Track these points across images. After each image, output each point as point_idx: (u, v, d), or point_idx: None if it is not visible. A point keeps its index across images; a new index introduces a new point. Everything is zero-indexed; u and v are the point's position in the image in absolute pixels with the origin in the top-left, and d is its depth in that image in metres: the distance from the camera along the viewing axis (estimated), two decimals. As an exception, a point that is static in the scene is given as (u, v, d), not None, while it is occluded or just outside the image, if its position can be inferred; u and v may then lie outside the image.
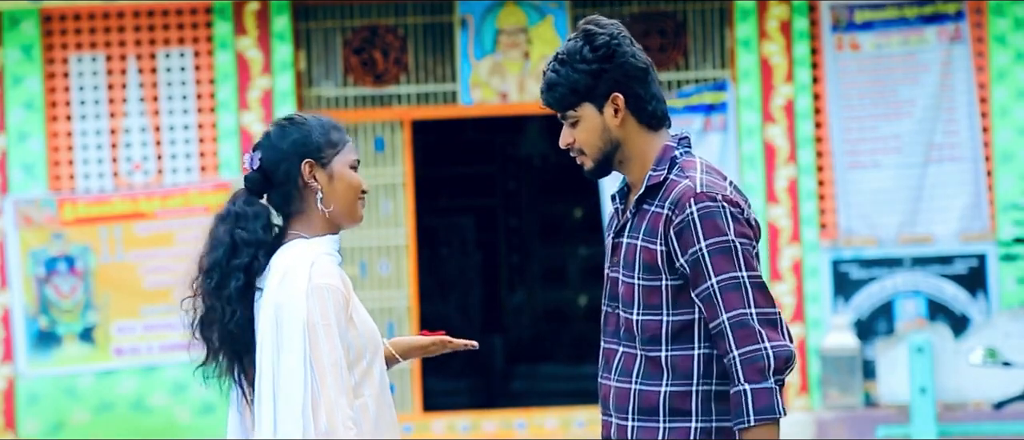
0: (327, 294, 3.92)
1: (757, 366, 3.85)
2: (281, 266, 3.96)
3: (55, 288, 11.65)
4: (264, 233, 4.02)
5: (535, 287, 17.16)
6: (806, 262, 11.73)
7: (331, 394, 3.88)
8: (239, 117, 11.75)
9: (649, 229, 3.96)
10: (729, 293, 3.87)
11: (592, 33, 4.01)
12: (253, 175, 4.06)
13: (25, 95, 11.71)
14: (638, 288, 3.97)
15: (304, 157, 4.03)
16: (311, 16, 11.95)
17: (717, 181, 3.96)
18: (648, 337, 3.96)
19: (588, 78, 3.99)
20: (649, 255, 3.95)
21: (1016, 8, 11.65)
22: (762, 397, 3.84)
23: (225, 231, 4.03)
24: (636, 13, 11.90)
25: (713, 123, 11.79)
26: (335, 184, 4.06)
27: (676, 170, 3.97)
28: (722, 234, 3.88)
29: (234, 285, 3.99)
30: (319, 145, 4.05)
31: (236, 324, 4.01)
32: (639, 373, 3.98)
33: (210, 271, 4.02)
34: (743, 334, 3.86)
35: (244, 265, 4.00)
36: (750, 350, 3.86)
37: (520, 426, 11.99)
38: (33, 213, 11.63)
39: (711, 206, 3.89)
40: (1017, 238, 11.41)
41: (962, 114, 11.69)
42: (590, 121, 4.01)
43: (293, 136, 4.05)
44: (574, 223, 16.93)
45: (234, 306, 4.00)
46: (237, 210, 4.05)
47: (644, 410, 3.97)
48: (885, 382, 10.97)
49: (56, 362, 11.61)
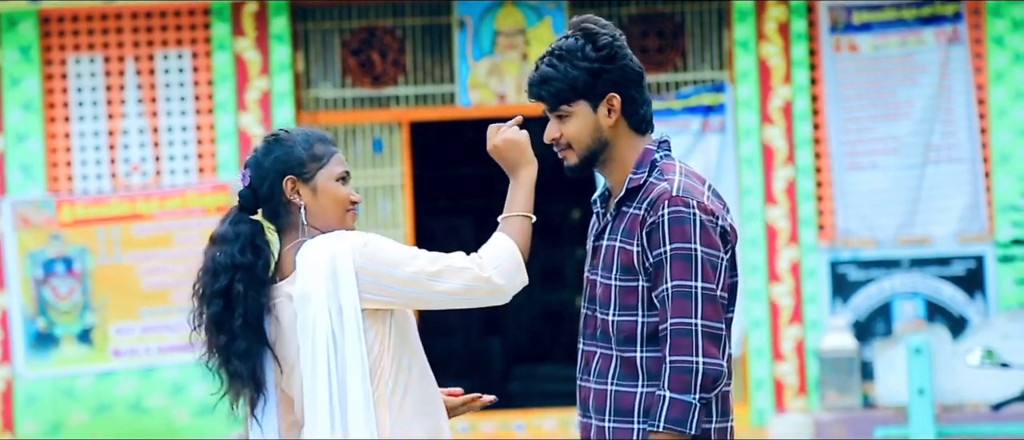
0: (380, 240, 4.00)
1: (684, 378, 3.87)
2: (322, 256, 3.97)
3: (53, 289, 11.64)
4: (242, 255, 4.04)
5: (533, 288, 17.10)
6: (804, 263, 11.73)
7: (457, 267, 4.00)
8: (237, 118, 11.75)
9: (627, 231, 3.98)
10: (679, 300, 3.89)
11: (594, 32, 4.02)
12: (245, 191, 4.11)
13: (23, 96, 11.71)
14: (615, 289, 4.00)
15: (285, 174, 4.06)
16: (309, 17, 11.94)
17: (695, 186, 3.98)
18: (623, 338, 3.99)
19: (588, 76, 4.00)
20: (626, 256, 3.97)
21: (1014, 9, 11.65)
22: (677, 408, 3.87)
23: (210, 256, 4.10)
24: (634, 14, 11.90)
25: (711, 124, 11.79)
26: (320, 198, 4.08)
27: (656, 173, 4.00)
28: (687, 241, 3.90)
29: (211, 311, 4.05)
30: (301, 160, 4.07)
31: (219, 350, 4.05)
32: (615, 375, 4.01)
33: (202, 299, 4.08)
34: (681, 343, 3.88)
35: (220, 290, 4.03)
36: (682, 360, 3.88)
37: (518, 427, 11.99)
38: (31, 214, 11.62)
39: (683, 211, 3.92)
40: (1015, 239, 11.41)
41: (960, 115, 11.70)
42: (583, 118, 4.03)
43: (275, 153, 4.09)
44: (572, 224, 16.94)
45: (214, 333, 4.05)
46: (221, 232, 4.11)
47: (620, 411, 4.00)
48: (883, 383, 10.98)
49: (54, 363, 11.60)
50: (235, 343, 4.02)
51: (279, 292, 4.05)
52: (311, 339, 3.94)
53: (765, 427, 11.48)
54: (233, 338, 4.02)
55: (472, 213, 17.18)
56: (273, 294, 4.06)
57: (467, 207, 17.09)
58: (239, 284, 4.01)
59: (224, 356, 4.04)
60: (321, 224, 4.06)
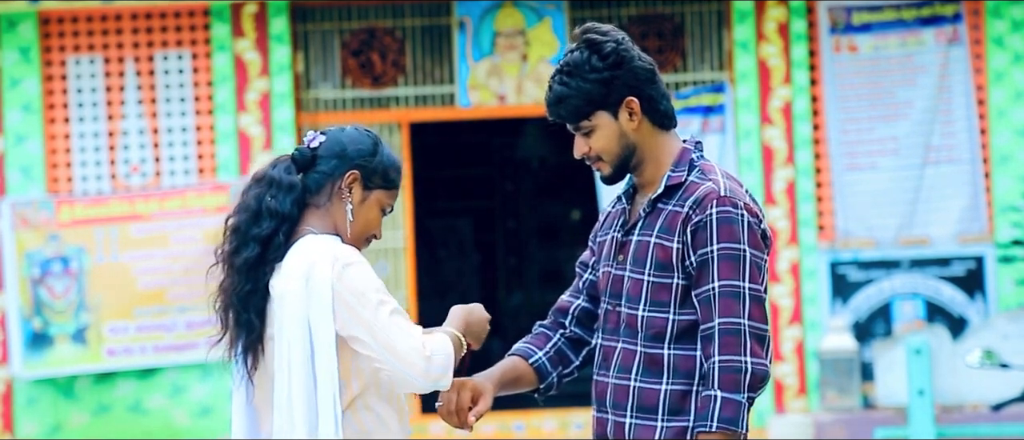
0: (363, 268, 3.89)
1: (734, 377, 3.88)
2: (303, 262, 3.89)
3: (49, 289, 11.63)
4: (292, 208, 3.94)
5: (533, 289, 17.15)
6: (804, 264, 11.73)
7: (408, 332, 3.85)
8: (237, 119, 11.75)
9: (665, 227, 3.98)
10: (727, 300, 3.90)
11: (596, 42, 4.01)
12: (306, 151, 4.01)
13: (23, 97, 11.71)
14: (647, 284, 3.99)
15: (358, 167, 4.00)
16: (309, 18, 11.94)
17: (737, 187, 4.00)
18: (652, 334, 3.99)
19: (600, 86, 4.00)
20: (664, 253, 3.97)
21: (1014, 10, 11.65)
22: (730, 407, 3.87)
23: (254, 196, 3.98)
24: (634, 15, 11.90)
25: (711, 125, 11.79)
26: (362, 209, 4.02)
27: (696, 172, 4.01)
28: (735, 241, 3.92)
29: (245, 254, 3.93)
30: (377, 169, 4.02)
31: (238, 297, 3.93)
32: (638, 370, 4.01)
33: (230, 235, 3.97)
34: (730, 342, 3.89)
35: (262, 236, 3.93)
36: (732, 359, 3.89)
37: (518, 428, 11.99)
38: (30, 215, 11.61)
39: (731, 212, 3.93)
40: (1015, 240, 11.41)
41: (960, 116, 11.70)
42: (606, 128, 4.03)
43: (363, 146, 4.03)
44: (572, 225, 16.94)
45: (241, 278, 3.93)
46: (273, 175, 3.99)
47: (643, 408, 3.99)
48: (883, 384, 10.97)
49: (49, 363, 11.59)
50: (256, 296, 3.93)
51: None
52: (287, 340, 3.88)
53: (765, 428, 11.49)
54: (256, 290, 3.92)
55: (472, 214, 17.19)
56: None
57: (467, 208, 17.09)
58: (281, 236, 3.93)
59: (242, 304, 3.93)
60: (340, 227, 4.02)
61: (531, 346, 4.29)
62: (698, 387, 3.96)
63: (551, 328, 4.30)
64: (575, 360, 4.28)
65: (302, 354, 3.86)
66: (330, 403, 3.85)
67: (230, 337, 3.98)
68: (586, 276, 4.26)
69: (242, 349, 3.97)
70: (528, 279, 17.26)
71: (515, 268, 17.32)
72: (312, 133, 4.05)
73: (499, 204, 17.36)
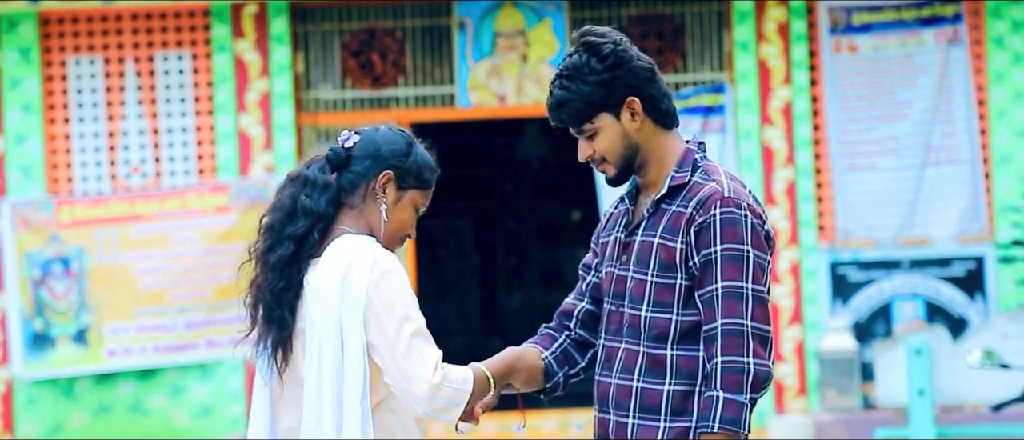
0: (399, 277, 3.90)
1: (736, 378, 3.89)
2: (342, 261, 3.89)
3: (49, 290, 11.63)
4: (327, 207, 3.96)
5: (533, 289, 17.15)
6: (804, 264, 11.73)
7: (422, 356, 3.86)
8: (237, 120, 11.75)
9: (669, 227, 3.98)
10: (730, 300, 3.91)
11: (595, 44, 4.01)
12: (340, 151, 4.02)
13: (23, 97, 11.71)
14: (650, 285, 3.99)
15: (393, 167, 4.02)
16: (309, 19, 11.94)
17: (741, 188, 4.02)
18: (655, 334, 3.99)
19: (601, 88, 4.00)
20: (667, 253, 3.97)
21: (1014, 10, 11.65)
22: (732, 408, 3.88)
23: (289, 195, 3.99)
24: (634, 16, 11.90)
25: (711, 125, 11.79)
26: (396, 209, 4.04)
27: (700, 173, 4.03)
28: (739, 242, 3.92)
29: (280, 253, 3.93)
30: (412, 170, 4.05)
31: (271, 292, 3.94)
32: (641, 371, 4.01)
33: (265, 233, 3.98)
34: (732, 343, 3.90)
35: (297, 235, 3.94)
36: (734, 360, 3.89)
37: (518, 428, 11.98)
38: (31, 215, 11.61)
39: (735, 212, 3.94)
40: (1015, 240, 11.41)
41: (960, 116, 11.70)
42: (609, 130, 4.04)
43: (398, 146, 4.04)
44: (572, 225, 16.94)
45: (275, 275, 3.94)
46: (308, 174, 4.01)
47: (646, 408, 4.00)
48: (883, 384, 10.97)
49: (50, 364, 11.59)
50: (289, 293, 3.94)
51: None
52: (318, 335, 3.89)
53: (765, 428, 11.49)
54: (289, 287, 3.93)
55: (472, 214, 17.19)
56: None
57: (467, 208, 17.09)
58: (316, 234, 3.94)
59: (276, 300, 3.93)
60: (374, 227, 4.02)
61: (537, 346, 4.30)
62: (701, 388, 3.96)
63: (556, 330, 4.31)
64: (581, 361, 4.28)
65: (333, 352, 3.87)
66: (356, 403, 3.86)
67: (259, 333, 3.99)
68: (589, 279, 4.26)
69: (272, 345, 3.97)
70: (528, 279, 17.25)
71: (515, 268, 17.32)
72: (346, 133, 4.06)
73: (499, 204, 17.36)
